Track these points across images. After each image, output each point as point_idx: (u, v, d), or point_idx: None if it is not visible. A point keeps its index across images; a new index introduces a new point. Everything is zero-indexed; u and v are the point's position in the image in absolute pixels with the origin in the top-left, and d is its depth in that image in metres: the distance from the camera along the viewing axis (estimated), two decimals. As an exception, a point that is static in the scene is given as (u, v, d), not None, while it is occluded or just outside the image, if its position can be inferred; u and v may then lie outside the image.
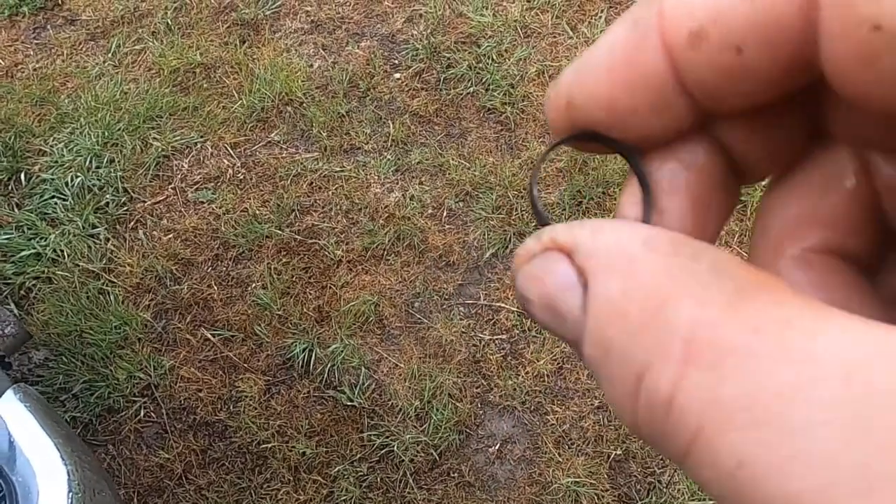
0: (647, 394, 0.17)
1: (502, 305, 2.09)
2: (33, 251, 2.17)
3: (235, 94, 2.46)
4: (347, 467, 1.90)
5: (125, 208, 2.28)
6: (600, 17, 2.55)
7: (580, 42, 2.51)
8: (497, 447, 1.93)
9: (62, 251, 2.18)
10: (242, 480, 1.90)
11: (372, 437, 1.93)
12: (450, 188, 2.27)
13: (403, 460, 1.90)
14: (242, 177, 2.33)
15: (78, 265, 2.16)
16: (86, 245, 2.20)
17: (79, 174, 2.30)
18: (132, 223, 2.26)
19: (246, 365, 2.04)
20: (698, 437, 0.16)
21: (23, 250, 2.17)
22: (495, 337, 2.05)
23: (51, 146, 2.38)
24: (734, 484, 0.15)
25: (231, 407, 1.99)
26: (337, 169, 2.32)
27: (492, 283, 2.12)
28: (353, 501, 1.87)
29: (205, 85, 2.49)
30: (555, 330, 0.20)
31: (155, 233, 2.24)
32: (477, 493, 1.87)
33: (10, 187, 2.32)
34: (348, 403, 1.97)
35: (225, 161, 2.36)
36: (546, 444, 1.92)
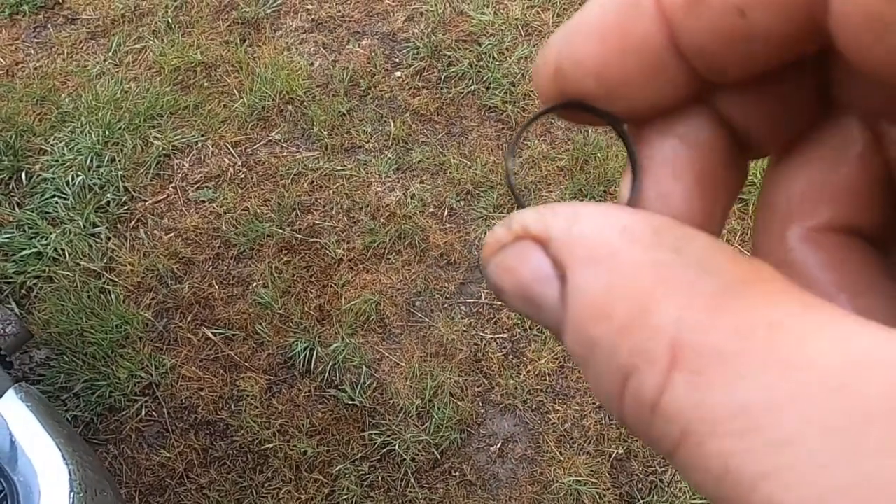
0: (633, 396, 0.16)
1: (503, 304, 2.09)
2: (34, 250, 2.17)
3: (236, 93, 2.46)
4: (349, 466, 1.90)
5: (126, 207, 2.28)
6: (601, 16, 2.54)
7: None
8: (498, 446, 1.93)
9: (63, 250, 2.18)
10: (244, 479, 1.90)
11: (373, 436, 1.93)
12: (451, 187, 2.27)
13: (405, 459, 1.90)
14: (243, 176, 2.32)
15: (79, 264, 2.16)
16: (87, 244, 2.19)
17: (80, 173, 2.30)
18: (133, 222, 2.25)
19: (247, 364, 2.03)
20: (683, 442, 0.15)
21: (24, 249, 2.17)
22: (496, 336, 2.05)
23: (51, 145, 2.37)
24: (719, 490, 0.15)
25: (232, 406, 1.99)
26: (338, 168, 2.31)
27: (493, 282, 2.12)
28: (355, 500, 1.87)
29: (205, 84, 2.49)
30: (531, 318, 0.20)
31: (156, 232, 2.24)
32: (478, 492, 1.87)
33: (11, 186, 2.32)
34: (349, 402, 1.97)
35: (226, 160, 2.36)
36: (548, 443, 1.92)
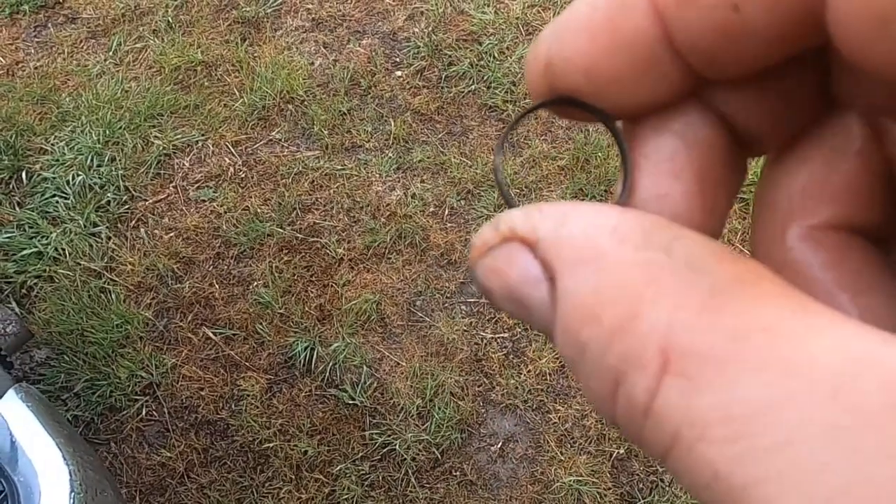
0: (625, 400, 0.16)
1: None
2: (34, 250, 2.17)
3: (236, 93, 2.46)
4: (349, 466, 1.90)
5: (126, 207, 2.27)
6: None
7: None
8: (499, 446, 1.93)
9: (63, 250, 2.18)
10: (244, 479, 1.90)
11: (374, 436, 1.93)
12: (451, 186, 2.27)
13: (405, 459, 1.90)
14: (244, 175, 2.32)
15: (79, 264, 2.16)
16: (87, 244, 2.19)
17: (80, 173, 2.30)
18: (133, 222, 2.25)
19: (247, 363, 2.03)
20: (674, 446, 0.15)
21: (24, 249, 2.17)
22: (497, 335, 2.05)
23: (52, 145, 2.37)
24: (710, 495, 0.15)
25: (233, 405, 1.99)
26: (338, 167, 2.31)
27: (494, 282, 2.12)
28: (355, 500, 1.87)
29: (206, 83, 2.49)
30: (521, 320, 0.19)
31: (156, 231, 2.24)
32: (479, 492, 1.87)
33: (12, 186, 2.32)
34: (350, 402, 1.97)
35: (226, 159, 2.36)
36: (548, 443, 1.91)
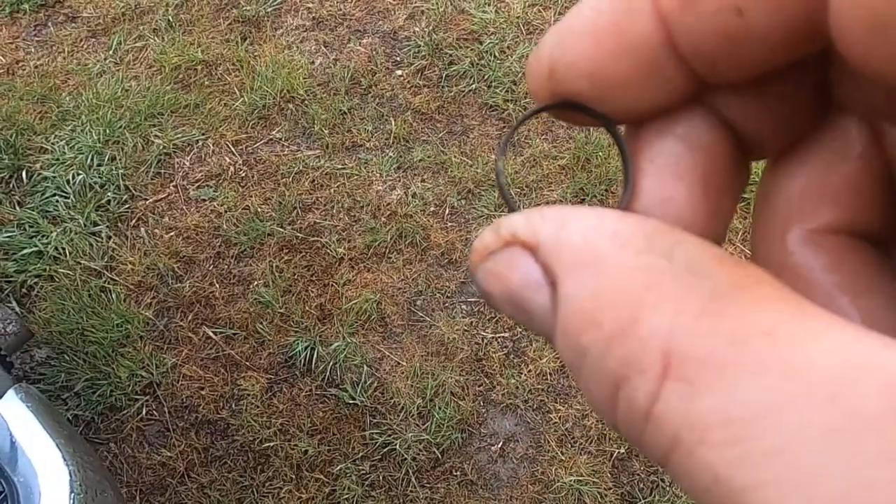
0: (626, 404, 0.16)
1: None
2: (35, 249, 2.17)
3: (237, 92, 2.46)
4: (349, 466, 1.90)
5: (127, 206, 2.27)
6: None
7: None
8: (500, 445, 1.93)
9: (64, 249, 2.18)
10: (244, 479, 1.90)
11: (374, 436, 1.93)
12: (452, 186, 2.27)
13: (406, 459, 1.90)
14: (244, 174, 2.32)
15: (79, 263, 2.16)
16: (87, 243, 2.19)
17: (80, 172, 2.30)
18: (134, 221, 2.25)
19: (248, 363, 2.03)
20: (675, 450, 0.15)
21: (24, 248, 2.17)
22: (498, 335, 2.05)
23: (52, 144, 2.37)
24: (710, 498, 0.15)
25: (233, 405, 1.98)
26: (339, 166, 2.31)
27: (494, 281, 2.11)
28: (356, 500, 1.86)
29: (206, 82, 2.49)
30: (523, 324, 0.19)
31: (156, 230, 2.23)
32: (479, 492, 1.87)
33: (12, 185, 2.31)
34: (350, 402, 1.97)
35: (226, 159, 2.35)
36: (549, 443, 1.91)
